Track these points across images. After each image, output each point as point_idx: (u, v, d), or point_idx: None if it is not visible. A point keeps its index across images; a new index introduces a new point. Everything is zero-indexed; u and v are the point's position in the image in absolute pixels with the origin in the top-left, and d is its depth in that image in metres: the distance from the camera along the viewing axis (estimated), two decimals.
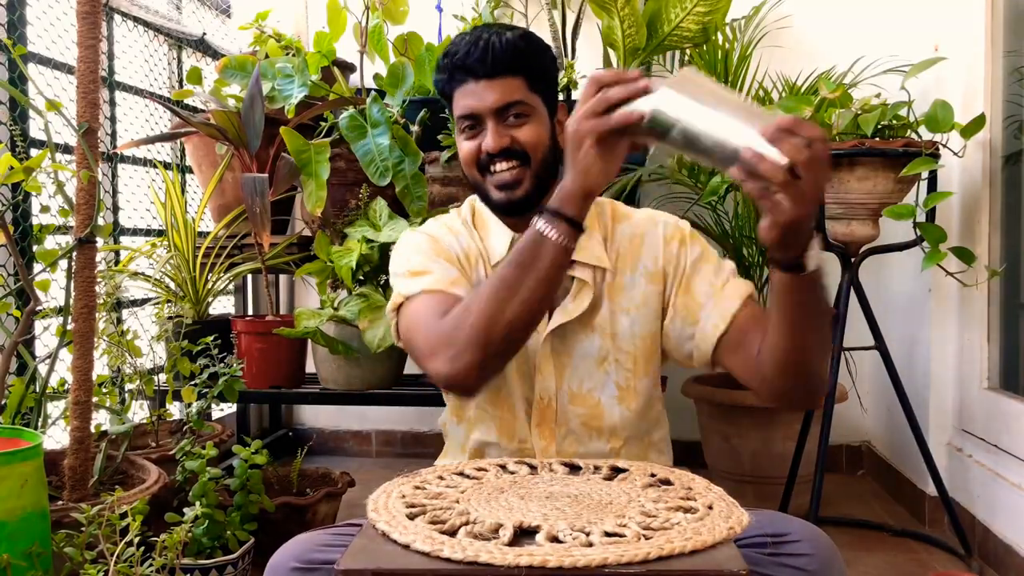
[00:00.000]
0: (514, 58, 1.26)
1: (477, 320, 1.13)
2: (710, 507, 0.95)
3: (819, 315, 1.13)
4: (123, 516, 1.37)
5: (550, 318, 1.30)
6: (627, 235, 1.34)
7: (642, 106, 1.01)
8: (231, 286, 2.75)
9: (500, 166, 1.27)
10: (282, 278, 3.09)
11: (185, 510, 1.69)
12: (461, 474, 1.09)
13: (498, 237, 1.34)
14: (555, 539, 0.86)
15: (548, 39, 2.63)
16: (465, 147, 1.30)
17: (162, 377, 2.33)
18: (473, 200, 1.42)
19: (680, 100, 0.99)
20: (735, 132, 0.95)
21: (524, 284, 1.12)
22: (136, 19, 2.60)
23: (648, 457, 1.35)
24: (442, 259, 1.31)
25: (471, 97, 1.27)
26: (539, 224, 1.12)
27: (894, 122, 2.01)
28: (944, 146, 2.00)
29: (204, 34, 2.90)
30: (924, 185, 2.10)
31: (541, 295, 1.14)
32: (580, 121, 1.07)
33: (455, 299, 1.22)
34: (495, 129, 1.26)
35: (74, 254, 1.63)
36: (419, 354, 1.24)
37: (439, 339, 1.17)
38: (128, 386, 2.11)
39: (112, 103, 2.47)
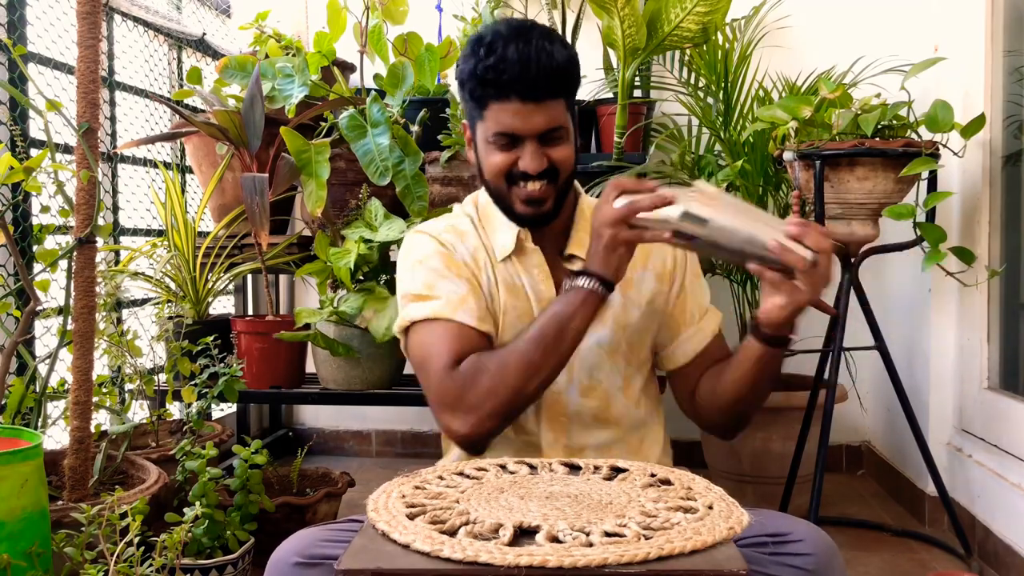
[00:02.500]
0: (562, 82, 1.25)
1: (505, 394, 1.19)
2: (710, 507, 0.95)
3: (777, 377, 1.29)
4: (123, 516, 1.37)
5: None
6: None
7: (669, 214, 1.12)
8: (231, 286, 2.75)
9: (532, 185, 1.28)
10: (282, 278, 3.09)
11: (185, 510, 1.69)
12: (461, 474, 1.09)
13: (504, 234, 1.35)
14: (555, 539, 0.86)
15: None
16: (496, 160, 1.28)
17: (162, 377, 2.33)
18: (476, 196, 1.42)
19: (705, 206, 1.11)
20: (759, 232, 1.11)
21: (550, 356, 1.19)
22: (136, 19, 2.60)
23: (649, 447, 1.41)
24: (452, 273, 1.31)
25: (515, 118, 1.24)
26: (577, 283, 1.19)
27: (894, 122, 2.01)
28: (944, 146, 2.00)
29: (204, 34, 2.90)
30: (924, 185, 2.10)
31: (561, 366, 1.23)
32: (614, 226, 1.15)
33: (462, 331, 1.26)
34: (535, 151, 1.26)
35: (74, 254, 1.63)
36: (431, 400, 1.26)
37: (455, 396, 1.21)
38: (128, 386, 2.11)
39: (112, 103, 2.47)
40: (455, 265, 1.33)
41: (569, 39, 2.70)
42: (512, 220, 1.34)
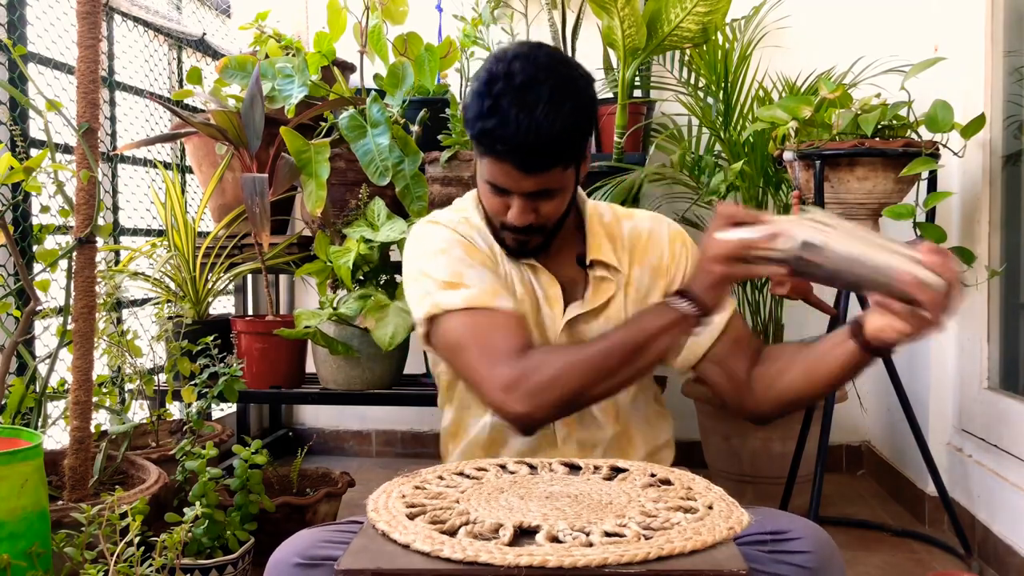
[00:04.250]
0: (560, 153, 1.22)
1: (570, 388, 1.16)
2: (710, 507, 0.95)
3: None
4: (123, 516, 1.37)
5: (565, 310, 1.35)
6: (635, 232, 1.40)
7: (787, 246, 1.06)
8: (231, 286, 2.75)
9: (520, 236, 1.30)
10: (282, 278, 3.09)
11: (185, 510, 1.69)
12: (461, 474, 1.09)
13: None
14: (555, 539, 0.86)
15: (548, 39, 2.65)
16: (490, 201, 1.30)
17: (162, 377, 2.33)
18: (478, 195, 1.42)
19: (823, 237, 1.05)
20: (887, 260, 1.05)
21: (625, 368, 1.17)
22: (136, 19, 2.60)
23: (656, 442, 1.41)
24: (476, 262, 1.30)
25: (507, 178, 1.24)
26: (676, 304, 1.15)
27: (894, 122, 2.01)
28: (944, 146, 2.00)
29: (204, 34, 2.90)
30: (924, 185, 2.10)
31: (632, 380, 1.21)
32: (728, 264, 1.10)
33: (512, 318, 1.24)
34: (523, 207, 1.26)
35: (74, 254, 1.63)
36: (486, 381, 1.20)
37: (519, 378, 1.16)
38: (128, 386, 2.10)
39: (112, 103, 2.47)
40: (478, 255, 1.31)
41: (569, 39, 2.70)
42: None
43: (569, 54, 2.68)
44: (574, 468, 1.13)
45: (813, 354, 1.24)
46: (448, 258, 1.29)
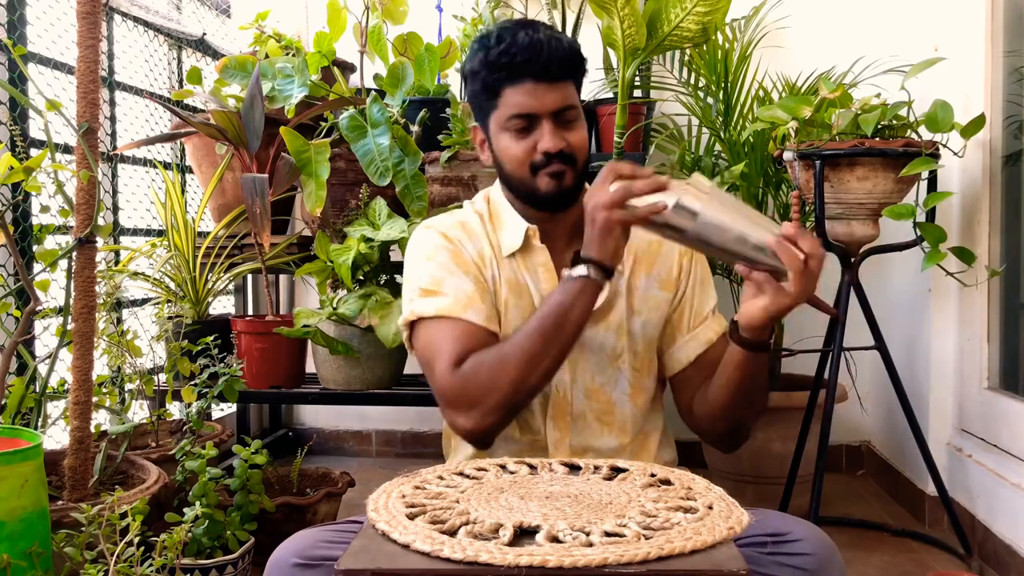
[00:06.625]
0: (572, 64, 1.29)
1: (507, 387, 1.19)
2: (710, 507, 0.95)
3: (764, 384, 1.28)
4: (123, 516, 1.37)
5: None
6: (645, 240, 1.37)
7: (663, 201, 1.10)
8: (231, 286, 2.75)
9: (555, 167, 1.29)
10: (282, 278, 3.09)
11: (185, 510, 1.69)
12: (461, 474, 1.09)
13: (512, 230, 1.36)
14: (555, 539, 0.86)
15: None
16: (514, 147, 1.30)
17: (162, 377, 2.33)
18: (488, 192, 1.43)
19: (699, 197, 1.10)
20: (752, 231, 1.10)
21: (550, 347, 1.19)
22: (136, 19, 2.60)
23: (656, 451, 1.41)
24: (459, 270, 1.32)
25: (530, 97, 1.27)
26: (575, 273, 1.18)
27: (894, 122, 2.01)
28: (944, 146, 2.00)
29: (204, 34, 2.90)
30: (924, 185, 2.10)
31: (563, 356, 1.22)
32: (608, 209, 1.14)
33: (470, 330, 1.26)
34: (553, 130, 1.28)
35: (74, 254, 1.63)
36: (437, 397, 1.27)
37: (460, 394, 1.21)
38: (128, 386, 2.10)
39: (112, 103, 2.47)
40: (463, 262, 1.33)
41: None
42: (535, 206, 1.34)
43: None
44: (574, 468, 1.13)
45: (719, 366, 1.28)
46: (433, 264, 1.33)
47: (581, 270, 1.18)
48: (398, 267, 2.21)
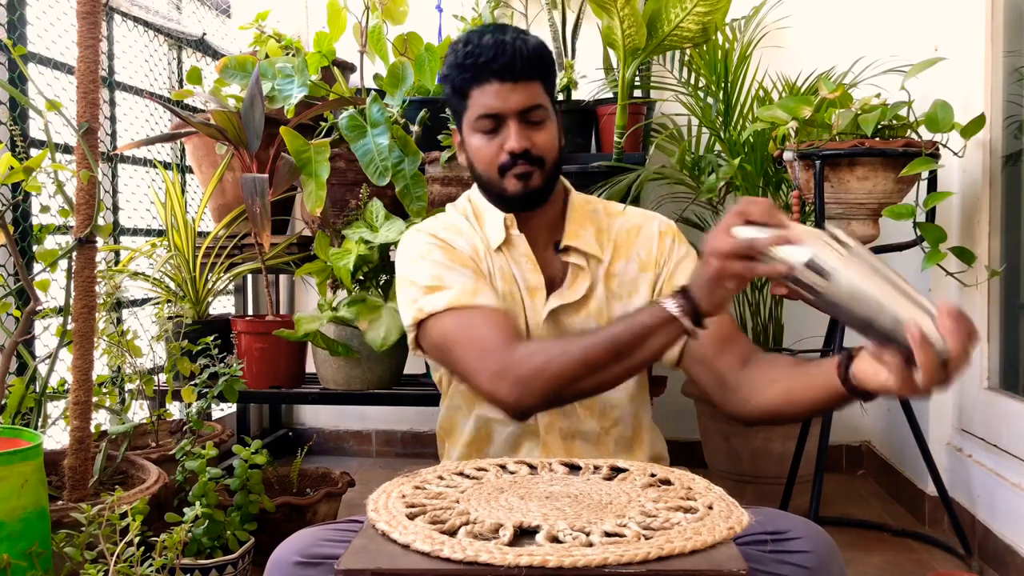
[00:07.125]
0: (537, 64, 1.30)
1: (557, 379, 1.16)
2: (710, 507, 0.95)
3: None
4: (123, 516, 1.37)
5: (547, 300, 1.36)
6: (624, 228, 1.41)
7: (791, 257, 0.96)
8: (231, 286, 2.75)
9: (520, 168, 1.30)
10: (282, 278, 3.09)
11: (185, 510, 1.69)
12: (461, 474, 1.09)
13: (494, 224, 1.38)
14: (555, 539, 0.86)
15: (548, 39, 2.64)
16: (486, 149, 1.32)
17: (162, 377, 2.33)
18: (470, 193, 1.45)
19: (833, 260, 0.95)
20: (895, 304, 0.93)
21: (613, 363, 1.15)
22: (136, 19, 2.59)
23: (641, 436, 1.42)
24: (456, 265, 1.32)
25: (495, 98, 1.29)
26: (672, 305, 1.09)
27: (894, 122, 2.01)
28: (944, 146, 2.00)
29: (204, 34, 2.90)
30: (924, 185, 2.10)
31: (622, 378, 1.20)
32: (723, 259, 1.02)
33: (492, 311, 1.26)
34: (518, 130, 1.29)
35: (74, 254, 1.63)
36: (469, 370, 1.23)
37: (509, 365, 1.18)
38: (128, 386, 2.10)
39: (112, 103, 2.47)
40: (458, 257, 1.34)
41: (569, 39, 2.70)
42: (503, 207, 1.36)
43: (569, 54, 2.69)
44: (574, 468, 1.13)
45: (801, 377, 1.19)
46: (429, 262, 1.33)
47: (675, 304, 1.09)
48: None
